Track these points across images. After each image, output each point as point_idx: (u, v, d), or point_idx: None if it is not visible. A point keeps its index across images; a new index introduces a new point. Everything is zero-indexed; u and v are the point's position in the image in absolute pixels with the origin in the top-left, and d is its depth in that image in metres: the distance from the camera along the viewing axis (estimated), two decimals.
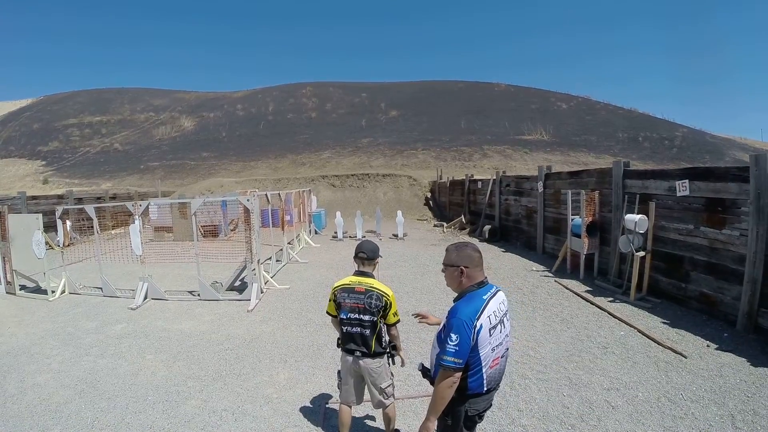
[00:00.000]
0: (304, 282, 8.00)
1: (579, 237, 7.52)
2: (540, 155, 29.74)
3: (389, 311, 2.73)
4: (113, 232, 13.40)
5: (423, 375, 2.27)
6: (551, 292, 6.84)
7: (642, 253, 6.07)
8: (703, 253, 5.44)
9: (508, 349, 2.16)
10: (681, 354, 4.28)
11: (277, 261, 9.38)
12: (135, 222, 6.94)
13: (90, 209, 7.28)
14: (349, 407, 2.93)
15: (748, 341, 4.51)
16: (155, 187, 26.43)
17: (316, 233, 15.03)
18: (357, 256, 2.84)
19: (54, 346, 5.14)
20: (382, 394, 2.80)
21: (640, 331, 4.92)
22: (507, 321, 2.12)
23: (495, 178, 13.21)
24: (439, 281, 1.99)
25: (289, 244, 10.77)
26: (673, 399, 3.49)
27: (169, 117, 54.45)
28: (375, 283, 2.75)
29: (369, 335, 2.71)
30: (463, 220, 15.60)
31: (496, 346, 2.03)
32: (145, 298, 6.89)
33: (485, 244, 12.01)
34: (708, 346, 4.48)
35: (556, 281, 7.45)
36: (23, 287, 7.82)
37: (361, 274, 2.80)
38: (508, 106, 47.74)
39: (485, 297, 2.03)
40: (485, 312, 1.98)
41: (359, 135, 39.54)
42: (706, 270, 5.41)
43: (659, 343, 4.57)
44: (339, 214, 14.38)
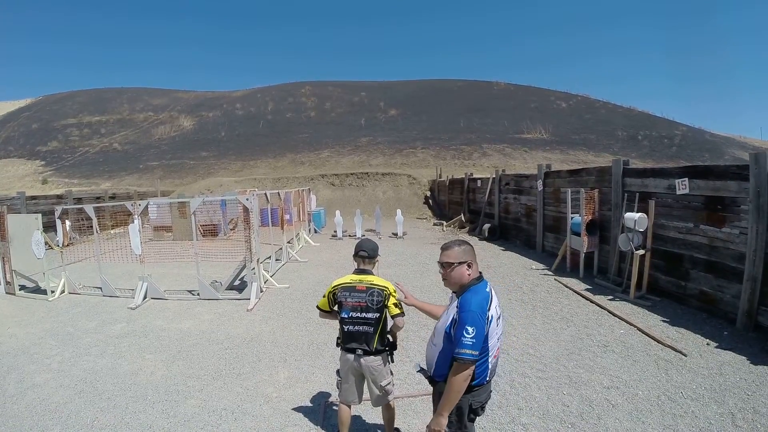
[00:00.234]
0: (303, 281, 8.00)
1: (579, 235, 7.52)
2: (539, 154, 29.70)
3: (389, 302, 2.73)
4: (113, 231, 13.39)
5: (424, 375, 2.28)
6: (551, 290, 6.84)
7: (642, 252, 6.07)
8: (703, 252, 5.44)
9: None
10: (681, 352, 4.28)
11: (277, 260, 9.37)
12: (134, 222, 6.93)
13: (89, 209, 7.27)
14: (349, 407, 2.93)
15: (747, 339, 4.51)
16: (154, 187, 26.39)
17: (315, 232, 15.03)
18: (357, 254, 2.84)
19: (53, 346, 5.14)
20: (382, 392, 2.80)
21: (639, 330, 4.92)
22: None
23: (494, 176, 13.22)
24: (439, 280, 2.01)
25: (289, 243, 10.77)
26: (673, 397, 3.50)
27: (168, 116, 54.30)
28: (375, 279, 2.75)
29: (372, 333, 2.71)
30: (463, 218, 15.59)
31: (499, 336, 2.12)
32: (145, 297, 6.89)
33: (485, 242, 12.02)
34: (708, 344, 4.48)
35: (555, 280, 7.45)
36: (23, 287, 7.81)
37: (361, 272, 2.80)
38: (507, 104, 47.66)
39: (487, 289, 2.10)
40: (493, 303, 2.07)
41: (358, 134, 39.45)
42: (705, 268, 5.41)
43: (659, 342, 4.57)
44: (338, 212, 14.38)
